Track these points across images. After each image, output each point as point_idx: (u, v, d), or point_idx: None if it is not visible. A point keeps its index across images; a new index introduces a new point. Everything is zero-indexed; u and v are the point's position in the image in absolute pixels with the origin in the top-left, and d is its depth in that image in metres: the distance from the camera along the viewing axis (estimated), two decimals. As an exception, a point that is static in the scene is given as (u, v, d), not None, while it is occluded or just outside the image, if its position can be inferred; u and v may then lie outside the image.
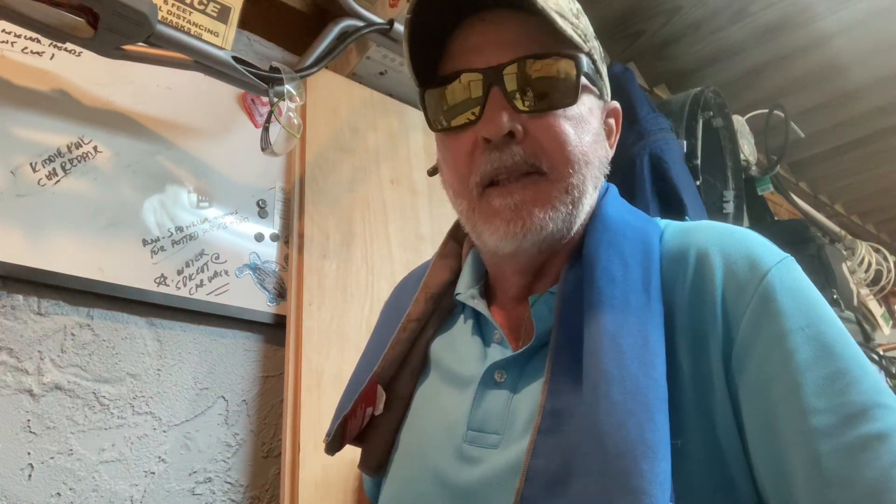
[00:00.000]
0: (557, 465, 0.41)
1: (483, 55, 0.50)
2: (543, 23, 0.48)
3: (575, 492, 0.40)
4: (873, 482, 0.36)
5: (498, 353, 0.53)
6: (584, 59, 0.51)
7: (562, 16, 0.49)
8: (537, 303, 0.52)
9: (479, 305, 0.57)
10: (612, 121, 0.58)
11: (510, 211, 0.49)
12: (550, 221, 0.49)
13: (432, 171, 0.61)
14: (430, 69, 0.55)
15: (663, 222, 0.54)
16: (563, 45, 0.50)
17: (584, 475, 0.40)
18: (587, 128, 0.51)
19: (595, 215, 0.54)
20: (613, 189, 0.59)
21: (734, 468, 0.43)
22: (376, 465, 0.59)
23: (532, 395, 0.49)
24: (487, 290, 0.60)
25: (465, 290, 0.59)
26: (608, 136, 0.57)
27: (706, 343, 0.45)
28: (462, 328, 0.59)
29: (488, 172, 0.50)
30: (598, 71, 0.54)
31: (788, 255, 0.47)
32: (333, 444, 0.59)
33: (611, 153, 0.57)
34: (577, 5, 0.54)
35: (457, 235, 0.67)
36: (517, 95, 0.49)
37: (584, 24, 0.53)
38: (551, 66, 0.49)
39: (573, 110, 0.50)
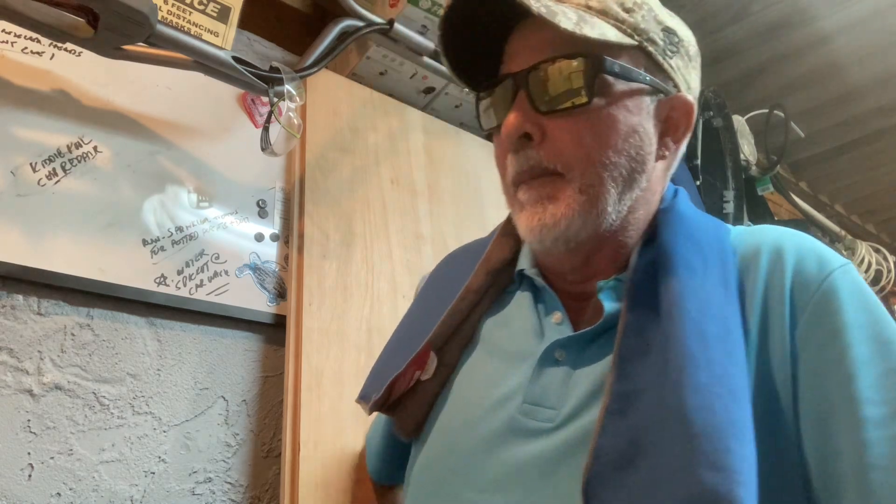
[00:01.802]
0: (625, 444, 0.42)
1: (517, 60, 0.53)
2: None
3: (644, 470, 0.41)
4: None
5: (556, 331, 0.54)
6: (616, 57, 0.51)
7: (603, 13, 0.51)
8: (604, 289, 0.53)
9: (542, 283, 0.58)
10: (680, 116, 0.55)
11: (530, 205, 0.52)
12: (564, 220, 0.51)
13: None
14: (492, 74, 0.57)
15: (727, 225, 0.56)
16: (587, 46, 0.50)
17: (657, 454, 0.40)
18: (614, 127, 0.51)
19: (670, 210, 0.55)
20: (683, 191, 0.60)
21: (788, 455, 0.44)
22: (415, 428, 0.60)
23: (591, 376, 0.50)
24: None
25: (529, 269, 0.60)
26: (670, 131, 0.55)
27: (772, 332, 0.47)
28: (518, 304, 0.60)
29: (512, 175, 0.54)
30: (655, 65, 0.53)
31: (849, 261, 0.50)
32: (379, 403, 0.59)
33: (671, 149, 0.56)
34: (633, 2, 0.53)
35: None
36: (537, 98, 0.51)
37: (642, 16, 0.52)
38: (566, 68, 0.50)
39: (594, 110, 0.51)
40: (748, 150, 1.78)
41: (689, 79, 0.56)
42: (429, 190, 1.24)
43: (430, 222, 1.21)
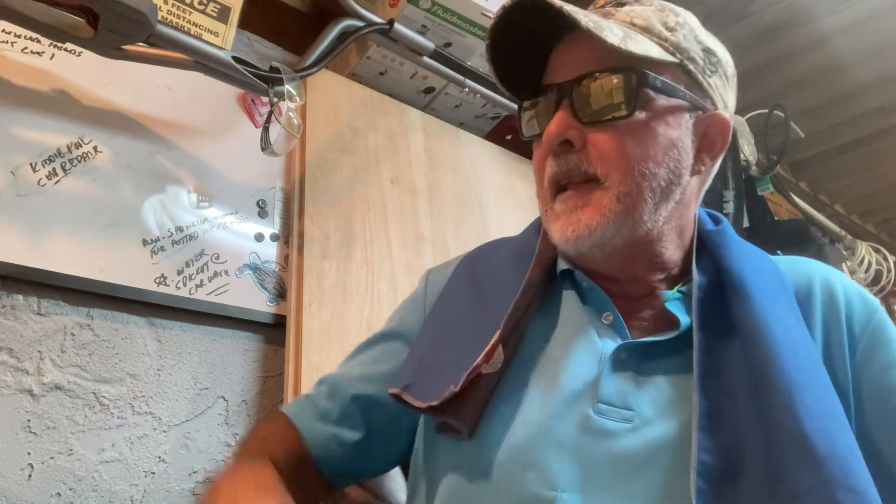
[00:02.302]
0: (723, 461, 0.45)
1: (562, 71, 0.56)
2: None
3: (751, 487, 0.43)
4: None
5: (610, 331, 0.55)
6: (659, 73, 0.54)
7: (647, 30, 0.54)
8: (670, 299, 0.56)
9: (591, 283, 0.58)
10: (717, 133, 0.58)
11: (565, 216, 0.55)
12: (599, 227, 0.53)
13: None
14: (535, 83, 0.60)
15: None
16: (631, 61, 0.52)
17: (765, 473, 0.43)
18: (655, 139, 0.54)
19: (724, 233, 0.59)
20: (725, 219, 0.63)
21: None
22: (472, 425, 0.55)
23: (664, 384, 0.52)
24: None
25: (575, 269, 0.60)
26: (707, 147, 0.58)
27: (836, 359, 0.53)
28: (566, 303, 0.60)
29: (550, 177, 0.56)
30: (695, 82, 0.56)
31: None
32: (448, 398, 0.54)
33: (707, 164, 0.59)
34: (683, 18, 0.57)
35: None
36: (580, 107, 0.54)
37: (683, 36, 0.56)
38: (611, 81, 0.53)
39: (636, 122, 0.53)
40: (748, 150, 1.78)
41: (725, 98, 0.59)
42: (429, 190, 1.24)
43: (430, 222, 1.21)
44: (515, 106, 1.25)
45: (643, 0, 0.58)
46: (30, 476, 0.74)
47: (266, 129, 0.95)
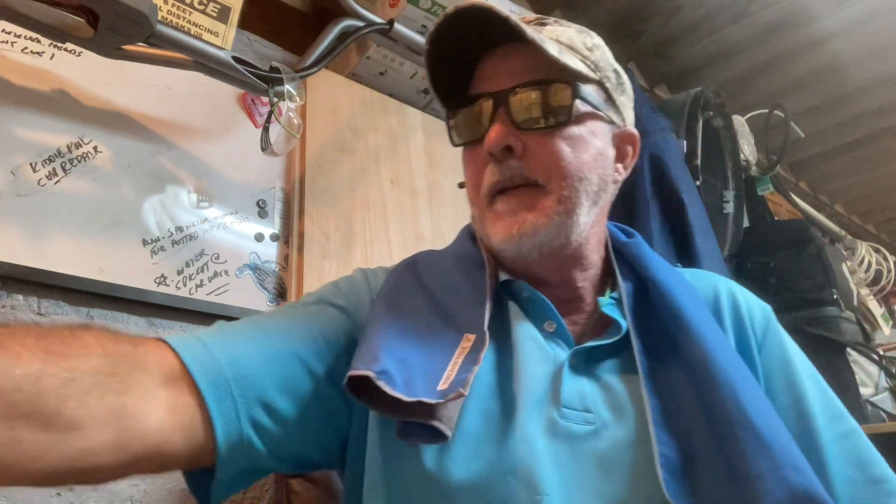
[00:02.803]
0: (680, 453, 0.49)
1: (495, 81, 0.58)
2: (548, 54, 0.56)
3: (709, 474, 0.47)
4: None
5: (556, 340, 0.57)
6: (585, 87, 0.58)
7: (572, 48, 0.58)
8: (605, 304, 0.59)
9: (535, 292, 0.59)
10: (628, 147, 0.64)
11: (509, 216, 0.56)
12: (543, 228, 0.55)
13: (462, 185, 0.67)
14: (460, 93, 0.62)
15: None
16: (564, 74, 0.56)
17: (721, 460, 0.47)
18: (586, 147, 0.58)
19: (641, 245, 0.63)
20: (638, 234, 0.67)
21: None
22: (452, 431, 0.51)
23: (612, 385, 0.54)
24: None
25: (515, 279, 0.61)
26: (621, 158, 0.63)
27: (745, 355, 0.58)
28: (512, 312, 0.60)
29: (492, 183, 0.57)
30: (610, 99, 0.61)
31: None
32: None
33: (622, 174, 0.64)
34: (597, 41, 0.62)
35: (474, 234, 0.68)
36: (518, 115, 0.56)
37: (599, 56, 0.61)
38: (548, 91, 0.56)
39: (570, 131, 0.57)
40: (748, 150, 1.78)
41: (630, 116, 0.65)
42: (429, 190, 1.24)
43: (430, 222, 1.21)
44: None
45: (561, 21, 0.62)
46: (30, 476, 0.74)
47: (266, 129, 0.95)
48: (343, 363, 0.53)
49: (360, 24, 1.05)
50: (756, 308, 0.62)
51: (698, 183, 1.47)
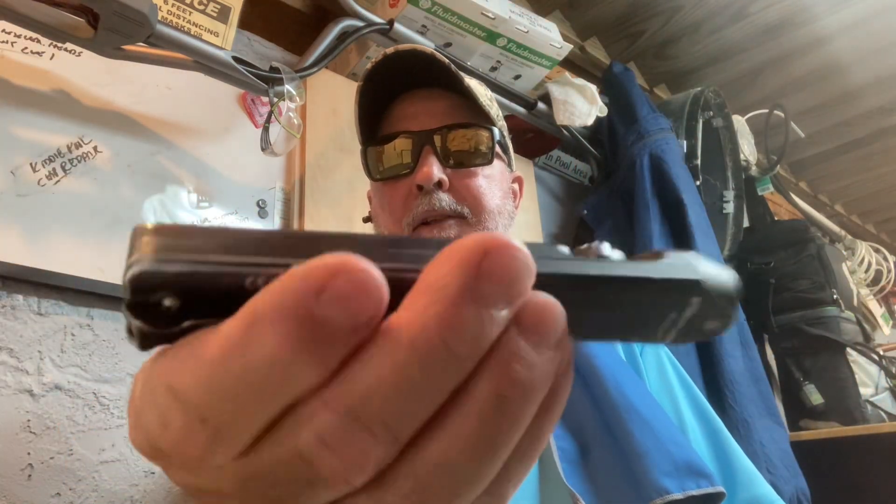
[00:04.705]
0: (574, 444, 0.55)
1: (417, 121, 0.64)
2: (466, 101, 0.65)
3: (604, 458, 0.53)
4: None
5: None
6: (498, 132, 0.66)
7: (481, 97, 0.66)
8: None
9: None
10: (516, 186, 0.73)
11: None
12: None
13: (367, 219, 0.75)
14: (373, 130, 0.69)
15: None
16: (481, 119, 0.65)
17: (610, 444, 0.54)
18: (499, 185, 0.66)
19: None
20: None
21: None
22: None
23: None
24: None
25: None
26: (514, 198, 0.72)
27: (629, 358, 0.68)
28: None
29: (420, 214, 0.62)
30: (505, 145, 0.69)
31: None
32: None
33: (516, 212, 0.72)
34: (491, 94, 0.71)
35: None
36: (444, 154, 0.63)
37: (496, 108, 0.69)
38: (473, 134, 0.63)
39: (488, 170, 0.65)
40: (748, 150, 1.78)
41: (513, 162, 0.73)
42: (429, 190, 1.24)
43: (430, 222, 1.21)
44: (521, 107, 1.25)
45: (469, 71, 0.73)
46: (30, 476, 0.74)
47: (266, 129, 0.95)
48: None
49: (360, 24, 1.05)
50: None
51: (698, 183, 1.47)
